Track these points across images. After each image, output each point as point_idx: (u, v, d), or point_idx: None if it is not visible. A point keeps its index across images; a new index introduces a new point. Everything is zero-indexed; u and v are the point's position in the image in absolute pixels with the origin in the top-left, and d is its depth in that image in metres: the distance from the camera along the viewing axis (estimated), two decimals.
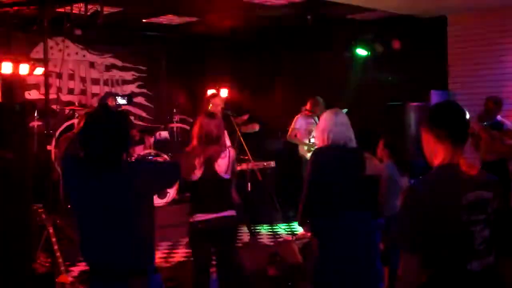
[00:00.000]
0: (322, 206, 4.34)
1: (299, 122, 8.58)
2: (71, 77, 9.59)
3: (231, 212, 4.71)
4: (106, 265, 2.82)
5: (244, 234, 7.78)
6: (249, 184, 8.07)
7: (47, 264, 5.86)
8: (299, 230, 7.60)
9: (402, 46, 9.17)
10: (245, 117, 8.59)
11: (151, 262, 2.93)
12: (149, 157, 8.52)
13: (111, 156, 2.84)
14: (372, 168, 4.86)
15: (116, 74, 10.19)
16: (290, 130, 8.67)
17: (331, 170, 4.37)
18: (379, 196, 5.09)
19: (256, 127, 8.62)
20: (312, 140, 8.29)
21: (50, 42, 7.96)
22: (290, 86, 11.19)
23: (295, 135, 8.62)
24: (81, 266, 6.45)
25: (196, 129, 4.65)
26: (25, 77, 8.73)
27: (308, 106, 8.55)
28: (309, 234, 4.65)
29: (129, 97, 7.93)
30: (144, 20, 9.25)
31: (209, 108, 7.26)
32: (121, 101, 7.57)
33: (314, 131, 7.51)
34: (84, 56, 9.77)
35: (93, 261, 2.90)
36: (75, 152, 3.04)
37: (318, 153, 4.46)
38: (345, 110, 7.58)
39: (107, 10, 7.36)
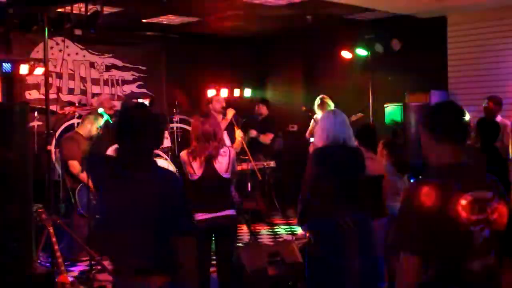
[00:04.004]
0: (321, 206, 4.34)
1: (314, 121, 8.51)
2: (71, 77, 9.57)
3: (231, 212, 4.72)
4: (128, 263, 2.81)
5: (244, 234, 7.78)
6: (249, 184, 8.07)
7: (47, 264, 5.86)
8: (299, 230, 7.60)
9: (402, 46, 9.16)
10: (270, 136, 8.80)
11: (172, 262, 2.89)
12: None
13: (144, 154, 2.84)
14: (373, 168, 4.87)
15: (116, 74, 10.16)
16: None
17: (330, 170, 4.37)
18: (380, 196, 5.09)
19: (268, 139, 8.76)
20: (312, 140, 8.28)
21: (50, 42, 7.95)
22: (290, 86, 11.19)
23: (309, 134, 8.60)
24: (81, 266, 6.45)
25: (192, 130, 4.68)
26: (25, 77, 8.72)
27: (317, 106, 8.43)
28: (308, 234, 4.64)
29: (151, 100, 8.07)
30: (144, 20, 9.24)
31: (210, 108, 7.27)
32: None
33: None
34: (84, 56, 9.76)
35: (115, 258, 2.90)
36: (99, 151, 3.04)
37: (318, 153, 4.46)
38: (359, 114, 7.59)
39: (107, 10, 7.35)
